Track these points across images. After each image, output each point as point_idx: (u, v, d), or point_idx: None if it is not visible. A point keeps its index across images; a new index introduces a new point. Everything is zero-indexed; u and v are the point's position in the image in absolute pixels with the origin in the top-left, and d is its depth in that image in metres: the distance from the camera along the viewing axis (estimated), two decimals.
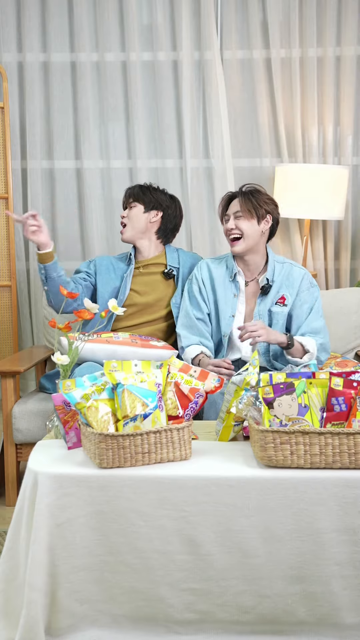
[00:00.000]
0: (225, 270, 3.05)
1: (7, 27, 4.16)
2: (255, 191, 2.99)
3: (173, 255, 3.29)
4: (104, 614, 2.02)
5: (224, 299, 3.02)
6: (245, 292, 3.03)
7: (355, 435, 1.95)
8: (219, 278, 3.04)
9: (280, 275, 3.00)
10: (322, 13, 4.12)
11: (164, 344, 3.04)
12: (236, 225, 2.94)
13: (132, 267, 3.24)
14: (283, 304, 2.97)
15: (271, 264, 3.01)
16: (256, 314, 2.97)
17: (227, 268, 3.05)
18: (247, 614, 2.00)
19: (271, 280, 2.98)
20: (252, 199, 2.95)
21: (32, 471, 2.00)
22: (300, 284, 2.98)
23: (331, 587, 1.97)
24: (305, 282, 3.00)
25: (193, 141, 4.19)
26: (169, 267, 3.25)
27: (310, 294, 2.99)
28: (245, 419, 2.16)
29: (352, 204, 4.27)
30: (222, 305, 3.01)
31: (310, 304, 2.97)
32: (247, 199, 2.95)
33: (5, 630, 2.02)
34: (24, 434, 3.09)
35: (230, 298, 3.01)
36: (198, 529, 1.96)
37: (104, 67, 4.16)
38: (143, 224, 3.23)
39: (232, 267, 3.03)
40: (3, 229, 4.07)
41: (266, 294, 2.98)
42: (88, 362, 2.89)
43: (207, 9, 4.08)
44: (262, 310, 2.98)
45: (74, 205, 4.29)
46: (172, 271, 3.24)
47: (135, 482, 1.95)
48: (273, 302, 2.98)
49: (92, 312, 2.37)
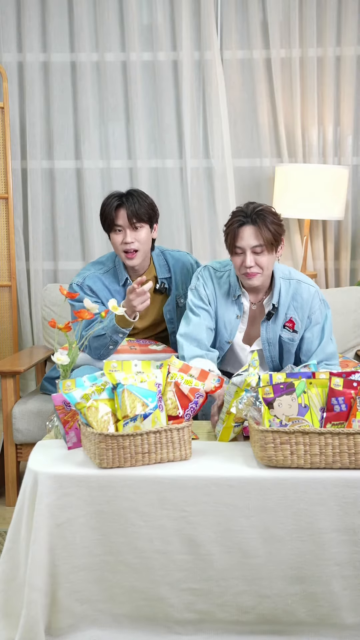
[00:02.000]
0: (228, 287, 2.71)
1: (7, 27, 4.16)
2: (267, 213, 2.56)
3: (161, 264, 2.99)
4: (104, 614, 2.02)
5: (224, 321, 2.72)
6: (248, 314, 2.72)
7: (355, 435, 1.95)
8: (220, 296, 2.71)
9: (288, 295, 2.68)
10: (322, 13, 4.12)
11: (163, 347, 2.99)
12: (256, 262, 2.55)
13: None
14: (292, 329, 2.68)
15: (277, 284, 2.67)
16: (265, 341, 2.69)
17: (231, 286, 2.70)
18: (247, 614, 2.00)
19: (277, 304, 2.67)
20: (270, 227, 2.53)
21: (32, 471, 2.00)
22: (310, 306, 2.67)
23: (331, 587, 1.97)
24: (316, 301, 2.68)
25: (193, 141, 4.19)
26: (160, 282, 2.96)
27: (321, 312, 2.69)
28: (245, 419, 2.16)
29: (352, 204, 4.27)
30: (221, 327, 2.72)
31: (321, 324, 2.69)
32: (267, 228, 2.53)
33: (5, 630, 2.02)
34: (24, 434, 3.09)
35: (232, 319, 2.71)
36: (198, 529, 1.96)
37: (104, 67, 4.16)
38: (149, 244, 2.91)
39: (236, 287, 2.69)
40: (3, 229, 4.07)
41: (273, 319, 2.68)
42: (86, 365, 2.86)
43: (207, 9, 4.08)
44: (272, 337, 2.69)
45: (74, 205, 4.29)
46: (164, 284, 2.97)
47: (135, 482, 1.95)
48: (281, 325, 2.69)
49: (92, 312, 2.37)
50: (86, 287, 2.91)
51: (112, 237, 2.86)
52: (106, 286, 2.92)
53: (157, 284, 2.97)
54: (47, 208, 4.29)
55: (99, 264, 3.00)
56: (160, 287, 2.97)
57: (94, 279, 2.92)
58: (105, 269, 2.96)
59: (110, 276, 2.95)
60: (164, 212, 4.27)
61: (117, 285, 2.94)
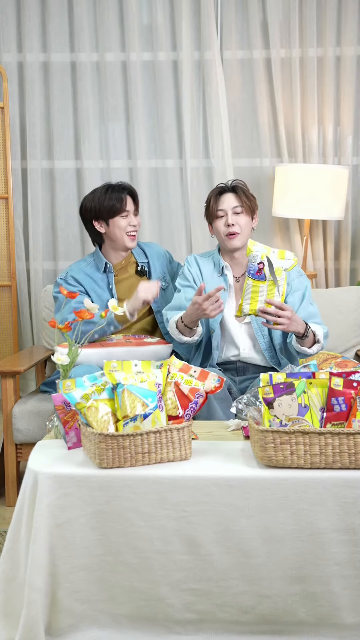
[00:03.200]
0: (212, 266, 3.02)
1: (7, 27, 4.16)
2: (244, 187, 2.98)
3: (137, 251, 3.26)
4: (104, 614, 2.02)
5: None
6: (234, 288, 2.98)
7: (355, 435, 1.95)
8: (207, 273, 3.00)
9: None
10: (322, 13, 4.12)
11: (158, 339, 3.06)
12: (236, 221, 2.91)
13: (112, 276, 3.17)
14: None
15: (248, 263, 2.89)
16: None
17: (215, 264, 3.02)
18: (247, 614, 2.00)
19: None
20: (247, 194, 2.95)
21: (32, 471, 2.00)
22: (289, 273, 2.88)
23: (331, 587, 1.97)
24: (294, 271, 2.93)
25: (193, 141, 4.19)
26: (140, 265, 3.22)
27: (300, 282, 2.93)
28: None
29: (352, 204, 4.27)
30: None
31: (302, 291, 2.91)
32: (244, 195, 2.94)
33: (5, 630, 2.02)
34: (24, 434, 3.09)
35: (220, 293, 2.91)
36: (198, 529, 1.96)
37: (104, 67, 4.16)
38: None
39: (219, 261, 3.00)
40: (3, 229, 4.07)
41: None
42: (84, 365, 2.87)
43: (207, 9, 4.08)
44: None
45: (74, 205, 4.29)
46: (144, 267, 3.22)
47: (135, 482, 1.95)
48: None
49: (92, 312, 2.37)
50: (70, 279, 3.15)
51: (117, 222, 3.11)
52: (89, 275, 3.17)
53: (138, 267, 3.23)
54: (47, 208, 4.29)
55: (81, 261, 3.28)
56: (141, 269, 3.22)
57: (76, 270, 3.20)
58: (86, 263, 3.24)
59: (92, 267, 3.21)
60: (164, 212, 4.28)
61: (99, 272, 3.19)
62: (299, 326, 2.70)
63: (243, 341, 2.93)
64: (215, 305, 2.68)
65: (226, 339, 2.96)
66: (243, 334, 2.93)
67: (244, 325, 2.94)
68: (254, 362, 2.94)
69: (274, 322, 2.63)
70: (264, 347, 2.91)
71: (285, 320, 2.61)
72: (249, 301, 2.62)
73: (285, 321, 2.62)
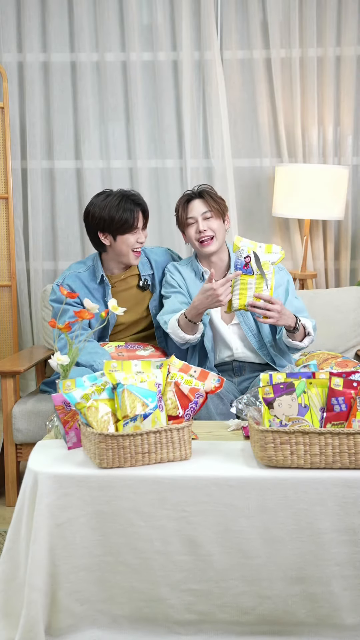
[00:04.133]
0: (194, 274, 3.01)
1: (7, 27, 4.16)
2: (211, 190, 2.97)
3: (143, 262, 3.12)
4: (104, 614, 2.02)
5: None
6: None
7: (355, 435, 1.95)
8: (189, 279, 3.00)
9: None
10: (322, 13, 4.12)
11: (151, 351, 3.01)
12: (208, 226, 2.90)
13: (108, 288, 3.06)
14: None
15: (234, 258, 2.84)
16: (238, 314, 2.90)
17: (195, 272, 3.01)
18: (247, 615, 2.00)
19: None
20: (215, 198, 2.93)
21: (32, 471, 2.00)
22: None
23: (331, 587, 1.97)
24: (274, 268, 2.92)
25: (193, 141, 4.19)
26: (143, 278, 3.10)
27: (281, 277, 2.92)
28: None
29: (352, 204, 4.27)
30: None
31: (284, 286, 2.91)
32: (212, 199, 2.92)
33: (5, 630, 2.02)
34: (24, 434, 3.09)
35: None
36: (198, 529, 1.96)
37: (104, 67, 4.16)
38: None
39: (197, 268, 3.00)
40: (3, 229, 4.07)
41: None
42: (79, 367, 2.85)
43: (207, 9, 4.08)
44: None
45: (74, 205, 4.29)
46: (147, 281, 3.10)
47: (135, 482, 1.95)
48: None
49: (92, 312, 2.37)
50: (66, 287, 3.05)
51: (126, 238, 2.98)
52: (85, 285, 3.07)
53: (140, 281, 3.11)
54: (47, 208, 4.29)
55: (81, 263, 3.16)
56: (143, 284, 3.10)
57: (73, 278, 3.08)
58: (85, 268, 3.12)
59: (89, 274, 3.09)
60: (164, 212, 4.28)
61: (95, 283, 3.08)
62: (289, 319, 2.71)
63: (234, 341, 2.93)
64: (227, 290, 2.66)
65: (218, 340, 2.95)
66: (233, 335, 2.94)
67: (232, 327, 2.94)
68: (249, 361, 2.94)
69: (263, 315, 2.64)
70: (256, 346, 2.91)
71: (275, 313, 2.63)
72: (238, 296, 2.63)
73: (275, 314, 2.63)
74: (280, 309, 2.64)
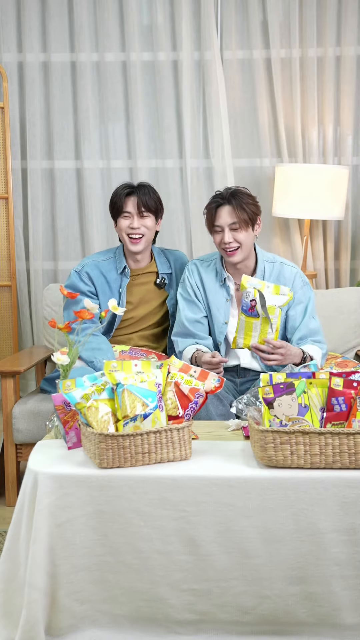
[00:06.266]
0: (214, 275, 2.93)
1: (7, 27, 4.16)
2: (242, 194, 2.81)
3: (162, 260, 3.17)
4: (104, 614, 2.02)
5: (216, 305, 2.91)
6: (236, 297, 2.91)
7: (355, 435, 1.95)
8: (209, 282, 2.92)
9: (272, 276, 2.88)
10: (322, 13, 4.12)
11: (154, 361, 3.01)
12: (234, 238, 2.79)
13: (126, 281, 3.09)
14: None
15: (260, 265, 2.90)
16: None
17: (217, 273, 2.93)
18: (247, 615, 2.00)
19: None
20: (244, 207, 2.78)
21: (32, 471, 2.00)
22: (293, 284, 2.87)
23: (331, 587, 1.97)
24: (298, 281, 2.89)
25: (193, 141, 4.19)
26: (161, 276, 3.13)
27: (304, 293, 2.88)
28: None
29: (352, 204, 4.27)
30: (215, 311, 2.91)
31: (305, 303, 2.88)
32: (241, 208, 2.78)
33: (5, 630, 2.02)
34: (24, 434, 3.09)
35: (223, 303, 2.90)
36: (198, 529, 1.96)
37: (104, 67, 4.16)
38: (153, 233, 3.10)
39: (221, 272, 2.92)
40: (3, 229, 4.07)
41: None
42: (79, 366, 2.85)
43: (207, 9, 4.08)
44: None
45: (74, 205, 4.29)
46: (164, 280, 3.13)
47: (135, 482, 1.95)
48: None
49: (92, 312, 2.37)
50: (84, 274, 3.07)
51: (120, 222, 3.04)
52: (103, 274, 3.08)
53: (158, 279, 3.14)
54: (47, 208, 4.29)
55: (101, 254, 3.19)
56: (160, 282, 3.13)
57: (92, 266, 3.09)
58: (106, 258, 3.14)
59: (110, 264, 3.11)
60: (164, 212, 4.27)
61: (115, 273, 3.10)
62: (295, 358, 2.71)
63: (242, 352, 2.91)
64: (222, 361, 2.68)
65: (228, 349, 2.92)
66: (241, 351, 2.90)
67: None
68: (254, 369, 2.93)
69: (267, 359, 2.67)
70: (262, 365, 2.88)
71: (279, 356, 2.65)
72: (243, 335, 2.67)
73: (279, 357, 2.66)
74: (285, 352, 2.65)
